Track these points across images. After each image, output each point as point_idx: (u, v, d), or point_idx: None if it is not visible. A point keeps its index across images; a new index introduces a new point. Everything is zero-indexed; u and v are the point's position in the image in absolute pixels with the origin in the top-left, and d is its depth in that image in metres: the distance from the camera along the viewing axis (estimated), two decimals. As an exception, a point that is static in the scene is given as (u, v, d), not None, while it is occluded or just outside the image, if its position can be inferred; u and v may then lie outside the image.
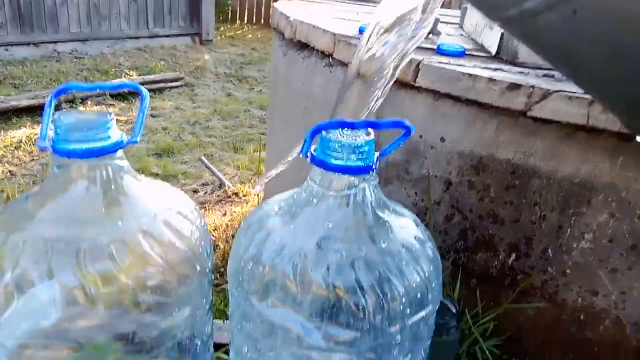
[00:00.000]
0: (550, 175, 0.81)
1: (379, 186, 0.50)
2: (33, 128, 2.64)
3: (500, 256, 0.91)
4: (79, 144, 0.44)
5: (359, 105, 0.70)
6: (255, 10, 6.22)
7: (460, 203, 0.90)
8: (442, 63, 0.85)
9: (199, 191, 2.13)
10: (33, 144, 2.46)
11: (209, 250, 0.54)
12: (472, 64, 0.88)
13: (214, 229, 1.67)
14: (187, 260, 0.49)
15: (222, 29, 5.77)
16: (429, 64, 0.84)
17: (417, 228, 0.52)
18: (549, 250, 0.86)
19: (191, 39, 4.72)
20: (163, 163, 2.40)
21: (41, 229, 0.44)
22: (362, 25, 1.05)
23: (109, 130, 0.45)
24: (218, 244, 1.58)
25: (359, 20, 1.22)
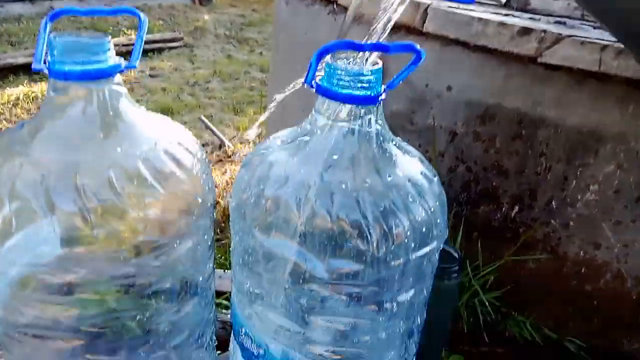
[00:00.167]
0: (558, 124, 0.79)
1: (385, 120, 0.49)
2: (30, 86, 2.60)
3: (503, 208, 0.90)
4: (75, 65, 0.42)
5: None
6: (256, -29, 6.06)
7: (465, 154, 0.89)
8: (452, 8, 0.82)
9: (199, 150, 2.12)
10: (31, 102, 2.43)
11: (210, 184, 0.53)
12: (482, 9, 0.85)
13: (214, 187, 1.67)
14: (189, 192, 0.48)
15: (222, -11, 5.63)
16: (437, 7, 0.81)
17: (423, 164, 0.51)
18: (553, 202, 0.86)
19: (190, -2, 4.62)
20: (162, 122, 2.37)
21: (38, 153, 0.43)
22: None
23: (107, 52, 0.44)
24: (219, 201, 1.58)
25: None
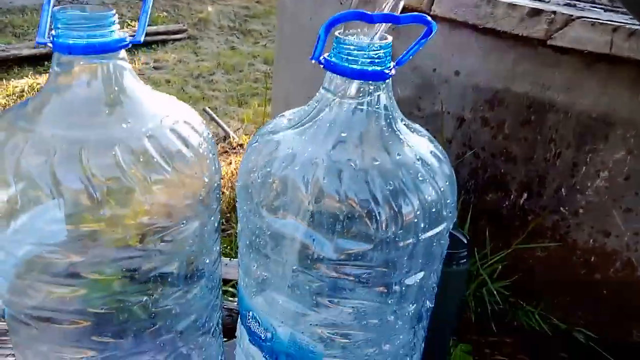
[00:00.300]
0: (567, 109, 0.78)
1: (394, 98, 0.48)
2: (35, 78, 2.60)
3: (512, 196, 0.89)
4: (80, 39, 0.42)
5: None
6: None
7: (472, 140, 0.88)
8: (460, -10, 0.81)
9: (204, 142, 2.11)
10: (35, 94, 2.42)
11: (216, 164, 0.52)
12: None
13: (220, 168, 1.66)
14: (195, 171, 0.48)
15: (226, -18, 5.61)
16: (445, -10, 0.80)
17: (433, 144, 0.50)
18: (562, 189, 0.84)
19: (194, -9, 4.59)
20: (167, 114, 2.36)
21: (42, 129, 0.42)
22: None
23: (112, 26, 0.43)
24: (224, 191, 1.57)
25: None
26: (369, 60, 0.44)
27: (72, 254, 0.44)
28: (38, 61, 2.76)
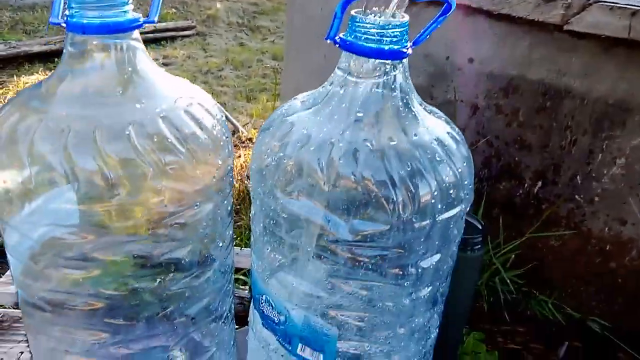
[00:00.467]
0: (584, 95, 0.77)
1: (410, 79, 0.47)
2: (46, 74, 2.61)
3: (526, 185, 0.88)
4: (93, 18, 0.41)
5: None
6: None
7: (486, 129, 0.87)
8: (473, -24, 0.80)
9: (213, 136, 2.11)
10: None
11: (229, 147, 0.51)
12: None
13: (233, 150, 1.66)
14: (209, 153, 0.47)
15: (234, -22, 5.61)
16: (459, -24, 0.79)
17: (450, 126, 0.49)
18: (578, 177, 0.83)
19: (202, -12, 4.59)
20: (176, 109, 2.37)
21: (56, 109, 0.42)
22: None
23: (125, 6, 0.43)
24: (233, 184, 1.57)
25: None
26: (386, 38, 0.43)
27: (87, 235, 0.44)
28: (48, 58, 2.78)
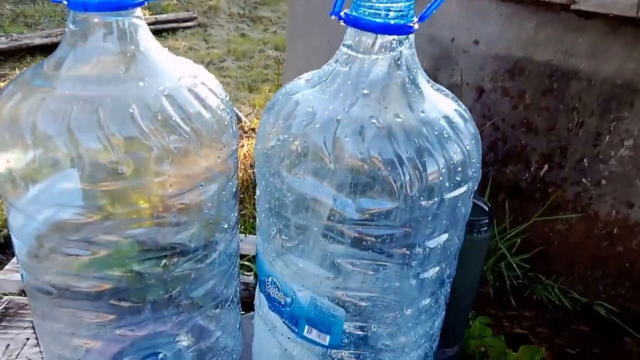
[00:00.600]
0: (591, 76, 0.76)
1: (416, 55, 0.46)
2: (47, 66, 2.60)
3: (532, 168, 0.87)
4: (95, -5, 0.41)
5: None
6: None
7: (492, 112, 0.86)
8: (478, -44, 0.79)
9: (216, 126, 2.10)
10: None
11: (234, 127, 0.51)
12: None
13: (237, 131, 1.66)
14: (213, 133, 0.47)
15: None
16: (464, -45, 0.78)
17: (457, 103, 0.49)
18: (585, 159, 0.82)
19: (203, -21, 4.56)
20: (178, 100, 2.36)
21: (59, 87, 0.42)
22: None
23: (127, -18, 0.42)
24: (238, 166, 1.57)
25: None
26: (391, 13, 0.42)
27: (92, 215, 0.44)
28: (50, 50, 2.75)
